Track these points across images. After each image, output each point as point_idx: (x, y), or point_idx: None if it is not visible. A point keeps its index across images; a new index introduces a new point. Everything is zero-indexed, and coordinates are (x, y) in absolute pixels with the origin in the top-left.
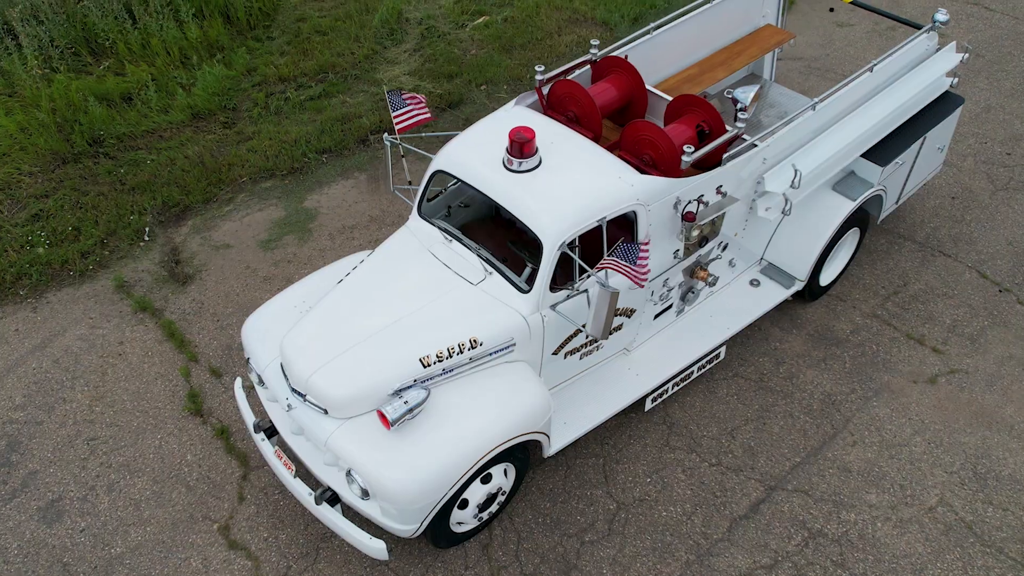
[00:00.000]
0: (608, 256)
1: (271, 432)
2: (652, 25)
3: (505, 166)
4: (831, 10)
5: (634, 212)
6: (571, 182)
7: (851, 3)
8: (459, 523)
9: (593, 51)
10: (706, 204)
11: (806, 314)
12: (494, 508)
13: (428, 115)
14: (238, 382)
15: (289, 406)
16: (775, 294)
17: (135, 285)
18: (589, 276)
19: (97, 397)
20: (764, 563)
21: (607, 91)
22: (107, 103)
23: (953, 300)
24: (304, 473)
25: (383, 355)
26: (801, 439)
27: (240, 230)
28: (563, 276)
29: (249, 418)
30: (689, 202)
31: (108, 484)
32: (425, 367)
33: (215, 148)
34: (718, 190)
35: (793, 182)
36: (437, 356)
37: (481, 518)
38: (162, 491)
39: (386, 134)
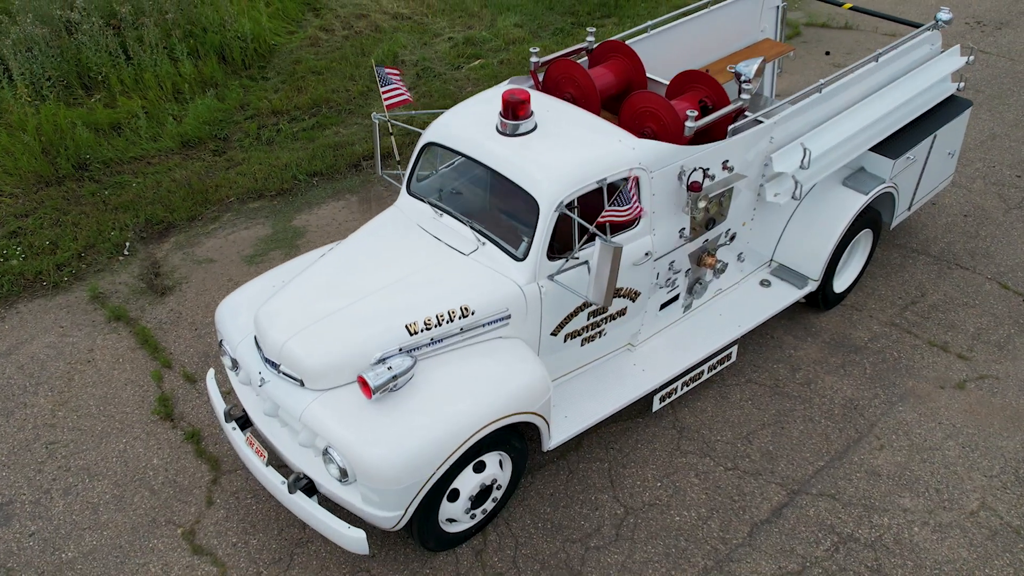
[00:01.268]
0: (608, 209)
1: (244, 425)
2: (649, 23)
3: (498, 131)
4: (827, 53)
5: (636, 178)
6: (569, 144)
7: (851, 8)
8: (450, 520)
9: (589, 39)
10: (712, 178)
11: (820, 323)
12: (489, 506)
13: (407, 96)
14: (210, 373)
15: (262, 380)
16: (787, 294)
17: (111, 296)
18: (588, 244)
19: (61, 402)
20: (791, 569)
21: (604, 75)
22: (95, 130)
23: (975, 309)
24: (278, 463)
25: (365, 321)
26: (823, 443)
27: (225, 246)
28: (563, 248)
29: (220, 407)
30: (695, 170)
31: (64, 487)
32: (412, 335)
33: (203, 173)
34: (724, 165)
35: (803, 162)
36: (425, 323)
37: (474, 515)
38: (123, 495)
39: (374, 112)
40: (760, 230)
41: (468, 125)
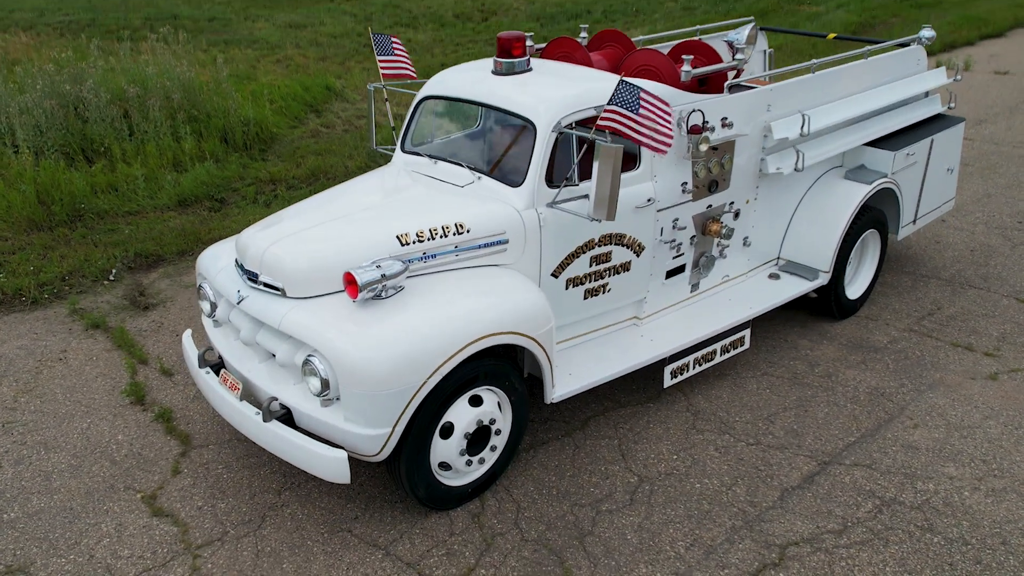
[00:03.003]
0: (607, 108)
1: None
2: (640, 38)
3: (494, 72)
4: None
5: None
6: (565, 79)
7: (835, 37)
8: (444, 468)
9: (584, 36)
10: (712, 130)
11: (835, 329)
12: (487, 455)
13: (412, 73)
14: (187, 332)
15: (240, 298)
16: (798, 285)
17: (91, 311)
18: (586, 181)
19: (24, 391)
20: (832, 528)
21: (600, 61)
22: (92, 188)
23: (996, 319)
24: (252, 400)
25: (354, 230)
26: (852, 422)
27: None
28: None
29: (193, 354)
30: (693, 111)
31: (17, 458)
32: (403, 245)
33: (198, 223)
34: (723, 122)
35: (802, 129)
36: (417, 235)
37: (470, 462)
38: (81, 465)
39: (370, 83)
40: (764, 219)
41: (463, 75)
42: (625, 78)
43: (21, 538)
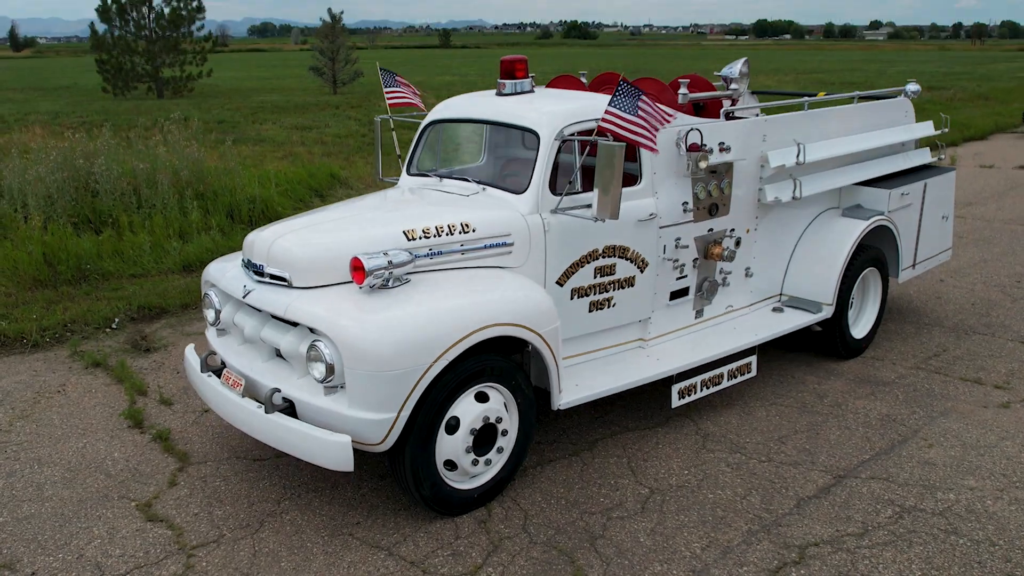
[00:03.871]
0: (607, 110)
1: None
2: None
3: (498, 94)
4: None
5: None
6: (567, 97)
7: (825, 95)
8: (450, 465)
9: (583, 80)
10: (711, 151)
11: (842, 367)
12: (494, 456)
13: (419, 103)
14: (190, 347)
15: (246, 292)
16: (802, 317)
17: (92, 351)
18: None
19: (21, 416)
20: (852, 532)
21: None
22: (98, 253)
23: (1002, 360)
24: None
25: (360, 225)
26: (865, 443)
27: None
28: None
29: (196, 362)
30: (691, 130)
31: (9, 472)
32: (409, 240)
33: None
34: (721, 147)
35: (798, 158)
36: (423, 232)
37: (476, 462)
38: (75, 478)
39: (377, 116)
40: (765, 250)
41: (468, 100)
42: (627, 80)
43: (9, 539)
